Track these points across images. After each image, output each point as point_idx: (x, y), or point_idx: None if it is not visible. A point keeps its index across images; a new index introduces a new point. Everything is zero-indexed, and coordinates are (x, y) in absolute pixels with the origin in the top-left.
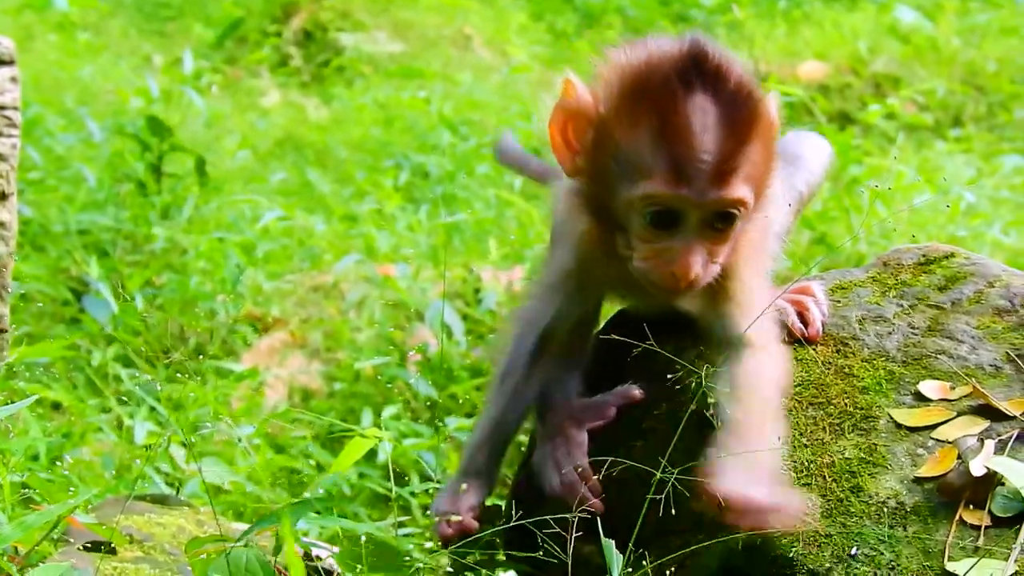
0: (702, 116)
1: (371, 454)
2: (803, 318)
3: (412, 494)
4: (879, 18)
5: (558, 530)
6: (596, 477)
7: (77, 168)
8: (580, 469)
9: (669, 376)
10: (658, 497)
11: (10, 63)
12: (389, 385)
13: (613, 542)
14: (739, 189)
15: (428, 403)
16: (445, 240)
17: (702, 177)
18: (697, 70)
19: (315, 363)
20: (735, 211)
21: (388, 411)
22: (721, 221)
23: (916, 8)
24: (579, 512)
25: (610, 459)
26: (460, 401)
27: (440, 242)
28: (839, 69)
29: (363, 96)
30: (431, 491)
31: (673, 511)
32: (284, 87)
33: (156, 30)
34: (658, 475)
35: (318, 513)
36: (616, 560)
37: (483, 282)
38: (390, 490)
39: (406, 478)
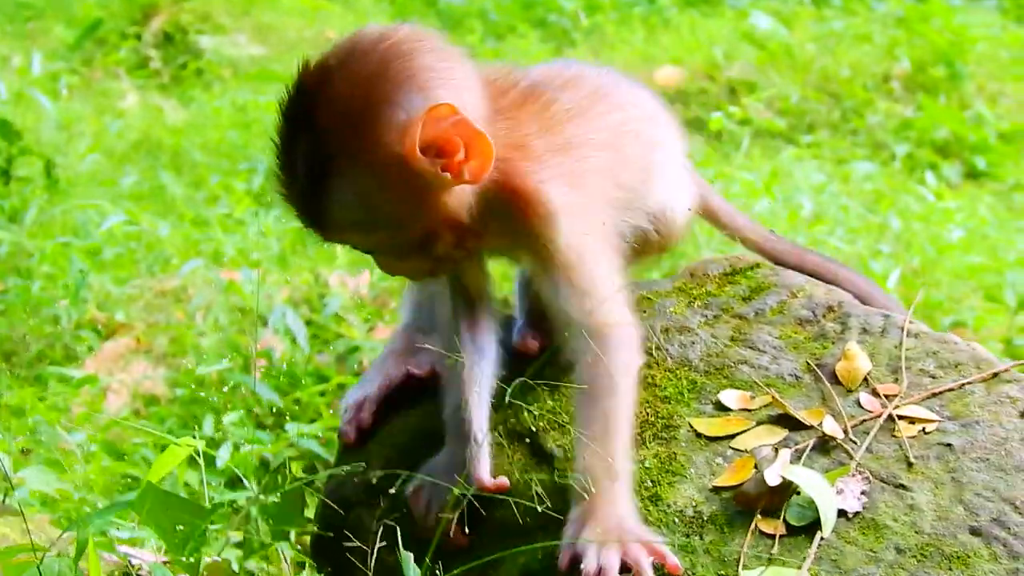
0: (288, 163)
1: (210, 460)
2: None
3: (249, 499)
4: (736, 24)
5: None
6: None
7: None
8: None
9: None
10: (448, 516)
11: None
12: (231, 390)
13: (411, 555)
14: (336, 233)
15: (272, 408)
16: (294, 244)
17: (311, 227)
18: (293, 107)
19: (160, 368)
20: (358, 246)
21: (230, 417)
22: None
23: (772, 15)
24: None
25: (405, 473)
26: (303, 406)
27: (289, 246)
28: (695, 74)
29: (221, 99)
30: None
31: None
32: (143, 89)
33: (16, 31)
34: (456, 491)
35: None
36: (412, 571)
37: (330, 287)
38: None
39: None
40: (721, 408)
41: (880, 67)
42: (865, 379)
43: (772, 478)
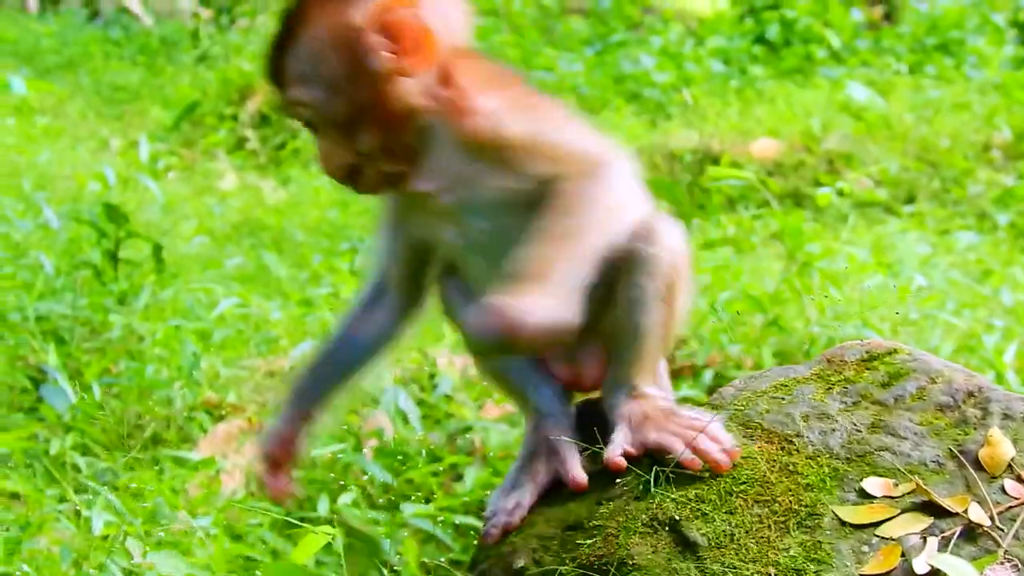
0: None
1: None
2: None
3: None
4: (831, 95)
5: None
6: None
7: (34, 256)
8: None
9: None
10: None
11: None
12: (344, 470)
13: None
14: (287, 87)
15: (384, 488)
16: None
17: (271, 80)
18: None
19: None
20: (302, 110)
21: (344, 498)
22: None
23: (868, 84)
24: None
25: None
26: (416, 486)
27: None
28: (792, 147)
29: (319, 179)
30: None
31: None
32: (241, 170)
33: (114, 114)
34: None
35: None
36: None
37: (438, 367)
38: None
39: None
40: (864, 496)
41: (980, 136)
42: (1009, 465)
43: (920, 566)
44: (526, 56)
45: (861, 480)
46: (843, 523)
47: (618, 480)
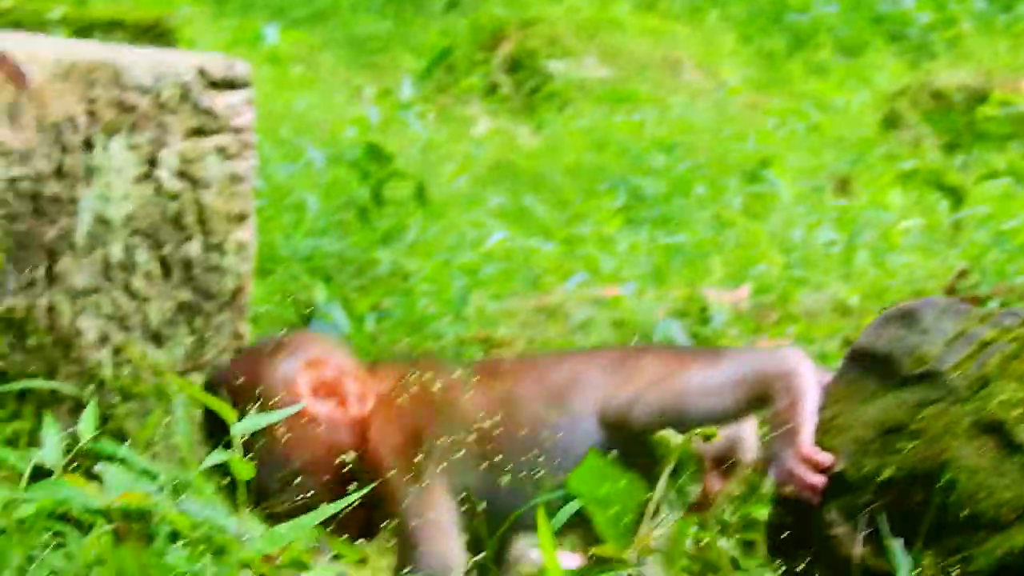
0: None
1: None
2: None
3: None
4: None
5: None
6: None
7: (299, 196)
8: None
9: None
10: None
11: (245, 86)
12: None
13: (900, 541)
14: None
15: None
16: (666, 260)
17: None
18: None
19: None
20: None
21: None
22: None
23: None
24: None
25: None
26: None
27: (661, 263)
28: None
29: (575, 122)
30: None
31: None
32: (494, 115)
33: (365, 63)
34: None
35: None
36: (903, 562)
37: (708, 302)
38: None
39: None
40: None
41: None
42: None
43: None
44: None
45: None
46: None
47: None
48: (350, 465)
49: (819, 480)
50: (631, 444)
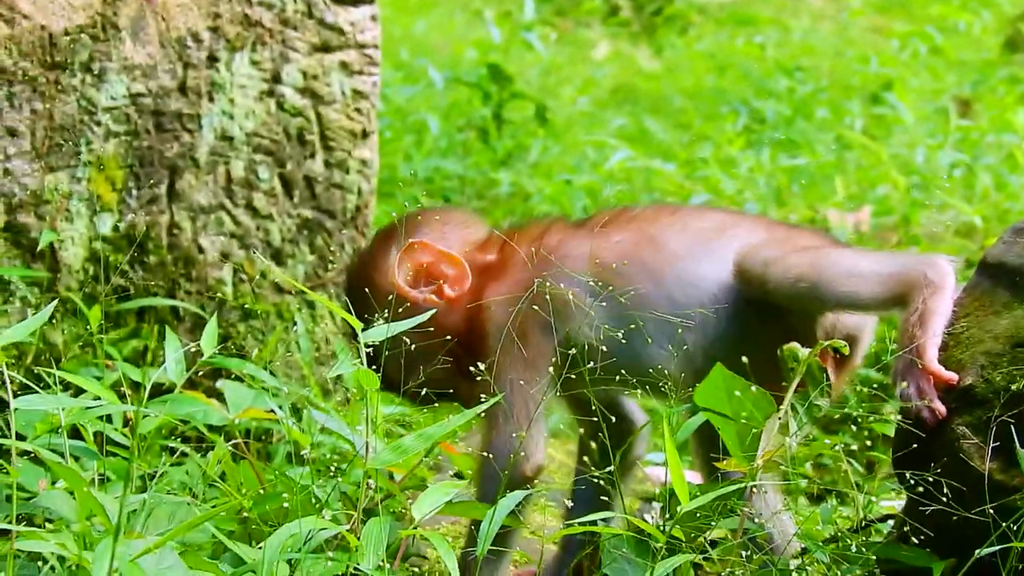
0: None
1: None
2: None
3: None
4: None
5: None
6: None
7: (420, 117)
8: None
9: None
10: None
11: (370, 2)
12: None
13: None
14: None
15: None
16: (788, 182)
17: None
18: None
19: None
20: None
21: None
22: None
23: None
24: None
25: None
26: None
27: (783, 184)
28: None
29: (696, 45)
30: None
31: None
32: (614, 38)
33: None
34: None
35: None
36: None
37: (830, 222)
38: None
39: None
40: None
41: None
42: None
43: None
44: None
45: None
46: None
47: None
48: (456, 347)
49: (941, 407)
50: (758, 309)
